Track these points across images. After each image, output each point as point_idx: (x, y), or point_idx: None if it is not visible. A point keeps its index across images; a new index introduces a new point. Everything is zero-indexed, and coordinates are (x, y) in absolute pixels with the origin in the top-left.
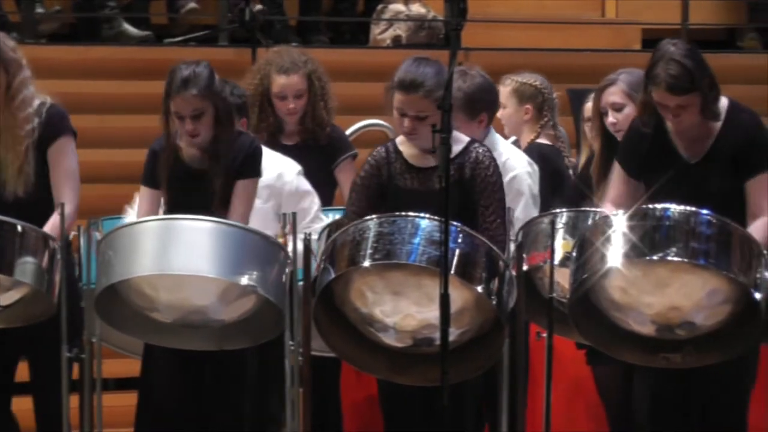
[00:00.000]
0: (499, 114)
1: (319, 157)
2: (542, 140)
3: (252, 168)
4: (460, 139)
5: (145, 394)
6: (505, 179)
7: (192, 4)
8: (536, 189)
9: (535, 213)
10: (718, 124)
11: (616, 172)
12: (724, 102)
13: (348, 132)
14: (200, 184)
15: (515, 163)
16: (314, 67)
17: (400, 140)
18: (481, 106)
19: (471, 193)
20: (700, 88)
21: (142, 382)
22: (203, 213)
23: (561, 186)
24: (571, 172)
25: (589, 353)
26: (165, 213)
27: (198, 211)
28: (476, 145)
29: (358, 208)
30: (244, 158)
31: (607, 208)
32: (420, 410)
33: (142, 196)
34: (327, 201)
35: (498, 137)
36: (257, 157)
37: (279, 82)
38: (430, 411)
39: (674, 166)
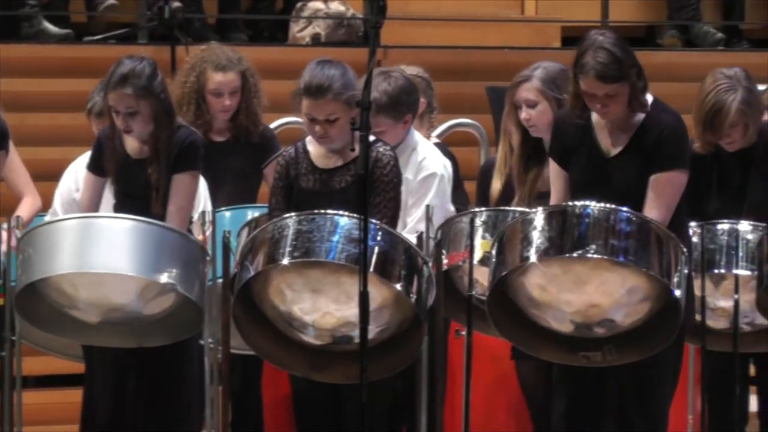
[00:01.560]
0: None
1: (248, 154)
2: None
3: (186, 162)
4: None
5: (88, 393)
6: (418, 177)
7: (111, 1)
8: (449, 190)
9: (444, 214)
10: (641, 119)
11: (553, 171)
12: (649, 98)
13: None
14: (141, 174)
15: (430, 164)
16: (248, 65)
17: (309, 139)
18: (406, 107)
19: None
20: (629, 77)
21: (85, 381)
22: (147, 203)
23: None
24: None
25: (515, 349)
26: (114, 201)
27: (142, 201)
28: (379, 144)
29: (280, 210)
30: (178, 152)
31: None
32: (333, 409)
33: (85, 182)
34: (252, 198)
35: (419, 137)
36: (193, 151)
37: (215, 79)
38: (342, 410)
39: (594, 160)
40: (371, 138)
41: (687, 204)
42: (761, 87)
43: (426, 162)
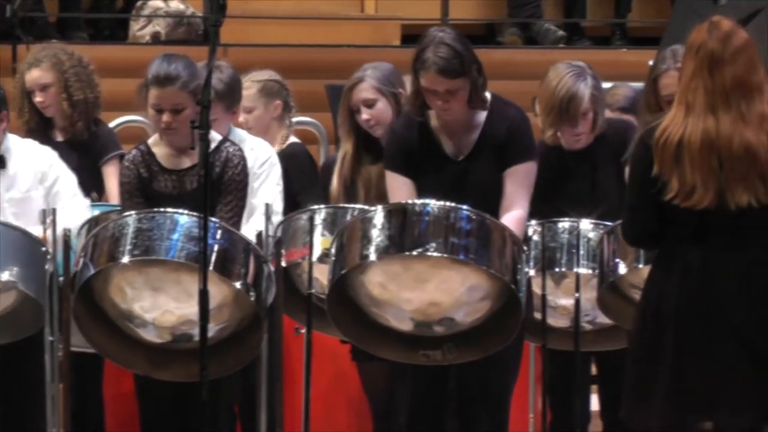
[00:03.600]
0: (249, 117)
1: (83, 152)
2: (295, 138)
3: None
4: (213, 138)
5: None
6: (255, 166)
7: None
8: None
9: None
10: (483, 117)
11: (392, 183)
12: (488, 95)
13: None
14: None
15: (262, 152)
16: (66, 60)
17: (152, 141)
18: (237, 97)
19: (220, 191)
20: (470, 72)
21: None
22: None
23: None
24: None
25: (354, 349)
26: None
27: None
28: (227, 144)
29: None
30: None
31: None
32: (175, 407)
33: None
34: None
35: (241, 131)
36: None
37: (26, 77)
38: (184, 407)
39: (442, 165)
40: (219, 137)
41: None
42: (606, 85)
43: (256, 152)
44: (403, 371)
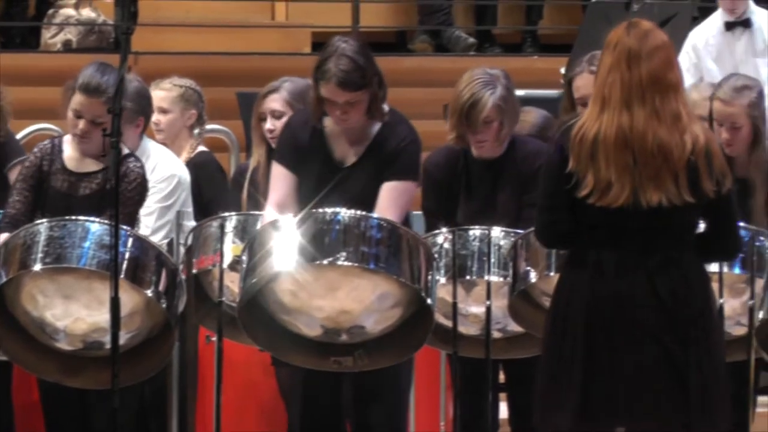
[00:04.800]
0: (162, 119)
1: None
2: (203, 147)
3: None
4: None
5: None
6: (156, 180)
7: None
8: (184, 194)
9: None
10: (376, 129)
11: (276, 172)
12: (386, 108)
13: (18, 136)
14: None
15: (166, 167)
16: None
17: (67, 138)
18: (139, 109)
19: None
20: (370, 85)
21: None
22: None
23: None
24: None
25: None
26: None
27: None
28: (131, 159)
29: (15, 208)
30: None
31: (268, 212)
32: (81, 414)
33: None
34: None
35: (151, 144)
36: None
37: None
38: (90, 415)
39: (328, 169)
40: (125, 151)
41: (438, 209)
42: (518, 92)
43: (160, 166)
44: (297, 377)
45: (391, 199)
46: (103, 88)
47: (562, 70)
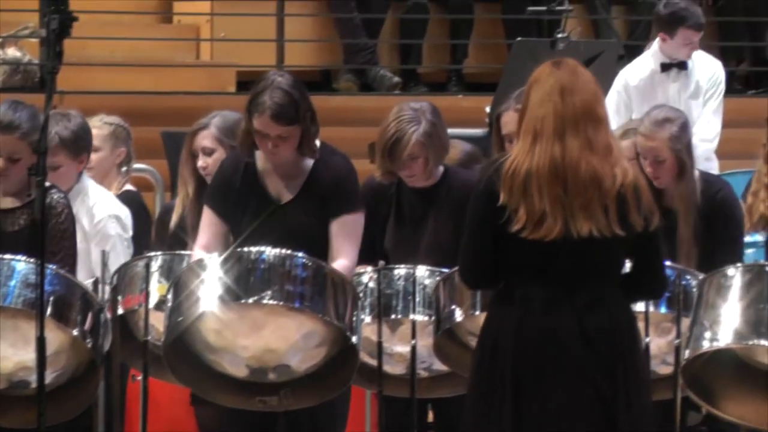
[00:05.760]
0: (93, 157)
1: None
2: (130, 186)
3: None
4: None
5: None
6: (93, 222)
7: None
8: (128, 233)
9: (126, 257)
10: (310, 164)
11: (205, 216)
12: (317, 143)
13: None
14: None
15: (102, 208)
16: None
17: None
18: (83, 145)
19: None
20: (304, 120)
21: None
22: None
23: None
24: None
25: (194, 394)
26: None
27: None
28: (54, 191)
29: None
30: None
31: (196, 254)
32: None
33: None
34: None
35: (90, 182)
36: None
37: None
38: None
39: (265, 207)
40: (47, 184)
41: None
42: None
43: (98, 207)
44: (232, 417)
45: (346, 235)
46: (16, 124)
47: (487, 109)
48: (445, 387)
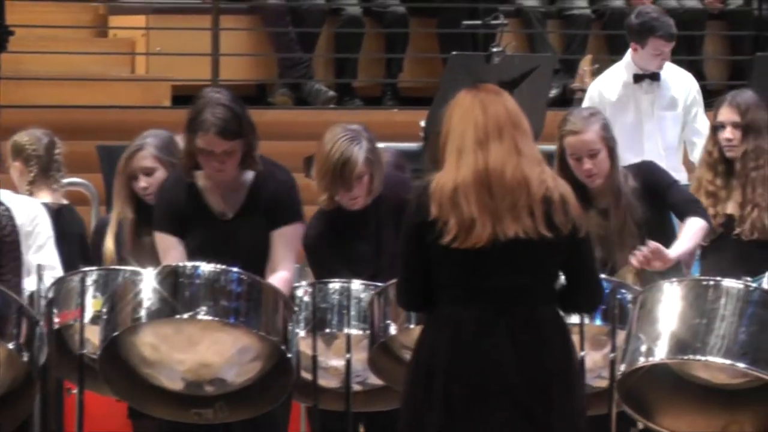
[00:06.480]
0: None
1: None
2: (64, 200)
3: None
4: None
5: None
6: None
7: None
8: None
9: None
10: (250, 178)
11: (163, 240)
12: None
13: None
14: None
15: (27, 209)
16: None
17: None
18: None
19: None
20: (247, 134)
21: None
22: None
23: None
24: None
25: (131, 408)
26: None
27: None
28: None
29: None
30: None
31: None
32: None
33: None
34: None
35: (3, 191)
36: None
37: None
38: None
39: (210, 225)
40: None
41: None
42: (379, 145)
43: (20, 209)
44: (176, 430)
45: (286, 246)
46: None
47: (422, 123)
48: (380, 401)
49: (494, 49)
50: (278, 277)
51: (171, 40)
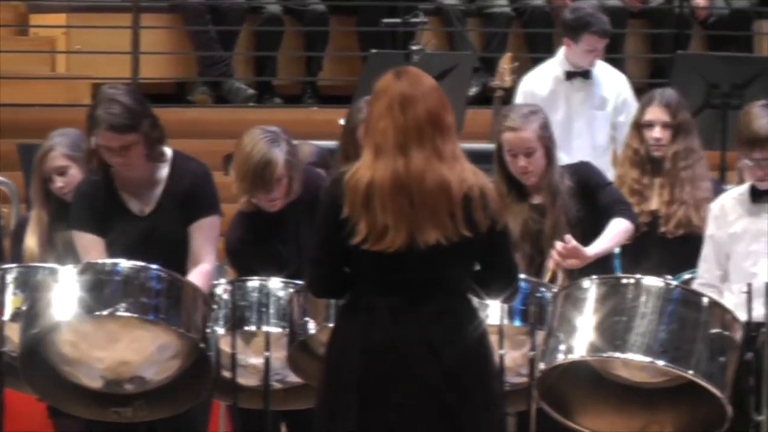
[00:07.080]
0: None
1: None
2: None
3: None
4: None
5: None
6: None
7: None
8: None
9: None
10: (165, 173)
11: (82, 240)
12: (169, 152)
13: None
14: None
15: None
16: None
17: None
18: None
19: None
20: (142, 127)
21: None
22: None
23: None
24: None
25: (51, 407)
26: None
27: None
28: None
29: None
30: None
31: None
32: None
33: None
34: None
35: None
36: None
37: None
38: None
39: (127, 222)
40: None
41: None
42: (298, 143)
43: None
44: (98, 428)
45: (206, 238)
46: None
47: (341, 121)
48: (300, 399)
49: (414, 48)
50: (200, 270)
51: (91, 38)
